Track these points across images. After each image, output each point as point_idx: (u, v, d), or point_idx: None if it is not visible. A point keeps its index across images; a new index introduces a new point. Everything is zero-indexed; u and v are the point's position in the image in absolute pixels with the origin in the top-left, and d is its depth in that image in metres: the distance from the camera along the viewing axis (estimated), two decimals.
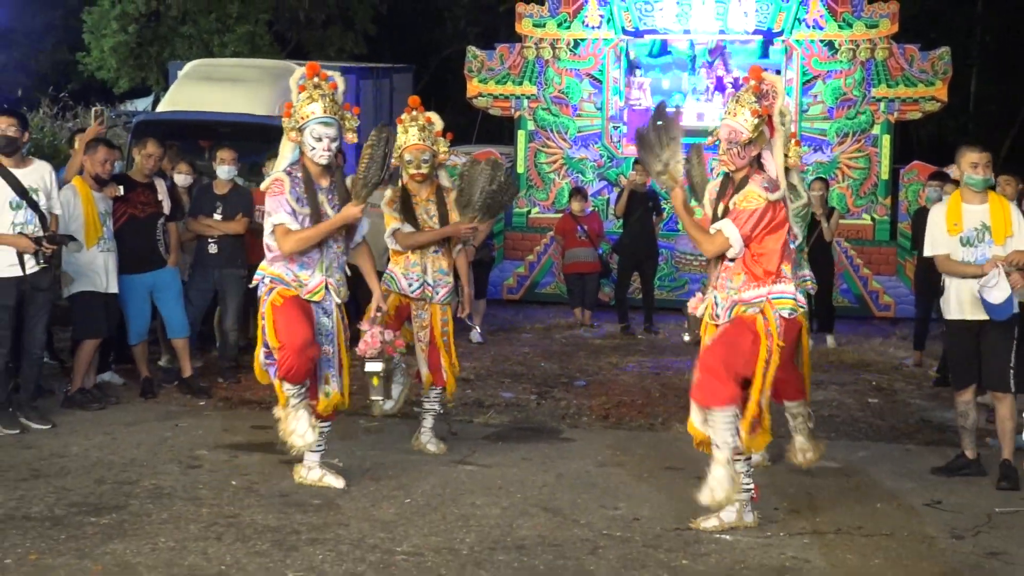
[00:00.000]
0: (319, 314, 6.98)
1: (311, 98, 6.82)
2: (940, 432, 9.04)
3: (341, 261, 7.05)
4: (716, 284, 6.51)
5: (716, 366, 6.33)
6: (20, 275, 8.08)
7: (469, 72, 15.92)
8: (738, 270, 6.40)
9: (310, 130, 6.80)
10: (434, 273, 7.92)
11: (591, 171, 15.56)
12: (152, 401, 9.29)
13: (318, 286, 6.90)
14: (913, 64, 14.81)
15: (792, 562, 6.09)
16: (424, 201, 7.91)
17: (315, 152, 6.83)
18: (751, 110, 6.31)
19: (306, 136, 6.82)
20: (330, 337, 7.02)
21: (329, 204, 6.93)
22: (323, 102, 6.82)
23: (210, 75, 15.05)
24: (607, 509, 6.90)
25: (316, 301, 6.93)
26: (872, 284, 14.53)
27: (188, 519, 6.48)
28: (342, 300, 7.07)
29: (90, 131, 9.48)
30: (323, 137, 6.80)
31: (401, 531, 6.39)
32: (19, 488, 6.93)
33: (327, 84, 6.89)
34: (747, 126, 6.32)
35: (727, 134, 6.36)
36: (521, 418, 9.22)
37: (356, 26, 24.78)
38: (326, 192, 6.94)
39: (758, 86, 6.36)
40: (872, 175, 14.98)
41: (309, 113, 6.80)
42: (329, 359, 7.03)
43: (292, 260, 6.86)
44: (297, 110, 6.84)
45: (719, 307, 6.48)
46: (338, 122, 6.88)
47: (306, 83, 6.86)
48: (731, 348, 6.35)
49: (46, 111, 19.64)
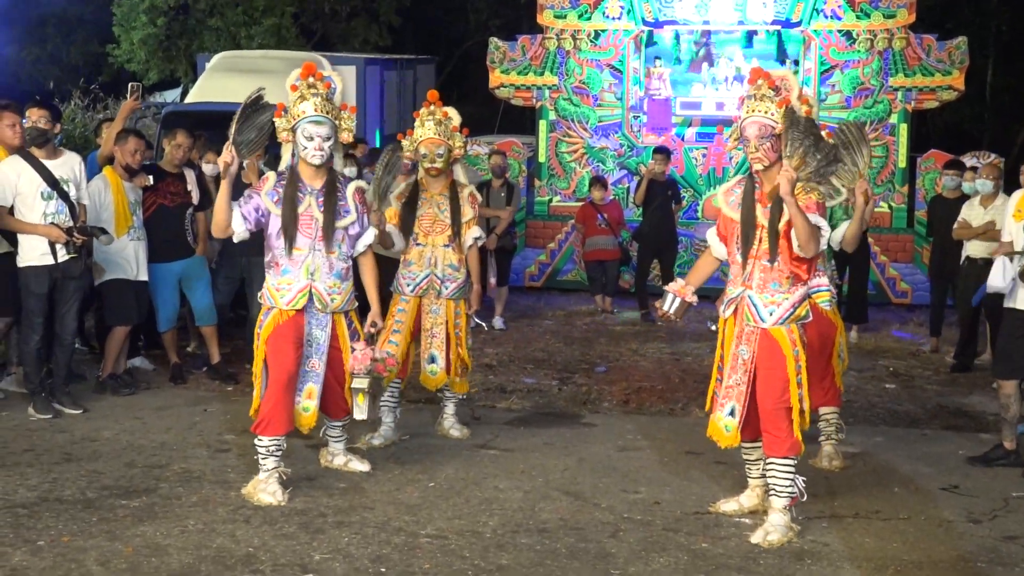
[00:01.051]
0: (311, 327, 6.85)
1: (303, 97, 6.70)
2: (957, 417, 9.09)
3: (338, 268, 6.86)
4: (749, 283, 6.26)
5: (772, 415, 6.21)
6: (52, 263, 8.20)
7: (491, 63, 15.96)
8: (784, 271, 6.21)
9: (301, 129, 6.68)
10: (444, 267, 7.88)
11: (611, 160, 15.60)
12: (181, 387, 9.40)
13: (301, 291, 6.75)
14: (930, 54, 14.79)
15: (811, 545, 6.16)
16: (436, 195, 7.89)
17: (307, 152, 6.70)
18: (775, 103, 6.15)
19: (298, 136, 6.70)
20: (319, 351, 6.88)
21: (318, 207, 6.76)
22: (315, 101, 6.69)
23: (237, 67, 15.21)
24: (628, 493, 6.97)
25: (299, 309, 6.76)
26: (889, 271, 14.54)
27: (216, 502, 6.58)
28: (334, 310, 6.88)
29: (126, 105, 9.56)
30: (314, 136, 6.66)
31: (425, 514, 6.48)
32: (52, 471, 7.06)
33: (322, 84, 6.77)
34: (776, 118, 6.13)
35: (757, 131, 6.16)
36: (543, 403, 9.29)
37: (380, 18, 24.84)
38: (316, 194, 6.79)
39: (771, 82, 6.21)
40: (889, 163, 14.98)
41: (300, 112, 6.68)
42: (317, 373, 6.90)
43: (277, 266, 6.77)
44: (289, 110, 6.73)
45: (761, 309, 6.21)
46: (332, 121, 6.73)
47: (299, 83, 6.73)
48: (772, 386, 6.21)
49: (77, 103, 19.79)
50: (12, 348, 8.99)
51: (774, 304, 6.21)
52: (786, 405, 6.21)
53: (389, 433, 7.94)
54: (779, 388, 6.20)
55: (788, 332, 6.21)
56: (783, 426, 6.20)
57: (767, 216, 6.19)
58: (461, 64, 27.58)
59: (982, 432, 8.61)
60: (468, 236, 7.99)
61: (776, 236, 6.15)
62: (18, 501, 6.52)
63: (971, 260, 10.54)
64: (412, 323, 7.91)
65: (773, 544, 6.14)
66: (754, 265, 6.25)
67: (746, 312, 6.26)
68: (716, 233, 6.52)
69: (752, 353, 6.27)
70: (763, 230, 6.20)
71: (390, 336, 7.81)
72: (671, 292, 6.51)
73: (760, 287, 6.23)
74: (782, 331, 6.20)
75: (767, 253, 6.18)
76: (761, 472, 6.49)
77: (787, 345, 6.20)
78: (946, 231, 10.99)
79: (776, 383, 6.20)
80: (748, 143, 6.22)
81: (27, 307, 8.26)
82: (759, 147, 6.18)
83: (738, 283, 6.33)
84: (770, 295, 6.21)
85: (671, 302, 6.50)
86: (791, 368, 6.19)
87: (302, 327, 6.82)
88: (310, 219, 6.76)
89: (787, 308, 6.20)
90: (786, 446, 6.20)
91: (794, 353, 6.20)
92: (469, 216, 7.97)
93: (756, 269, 6.25)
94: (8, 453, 7.42)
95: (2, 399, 8.71)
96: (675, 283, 6.56)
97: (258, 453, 6.75)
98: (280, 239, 6.74)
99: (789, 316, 6.21)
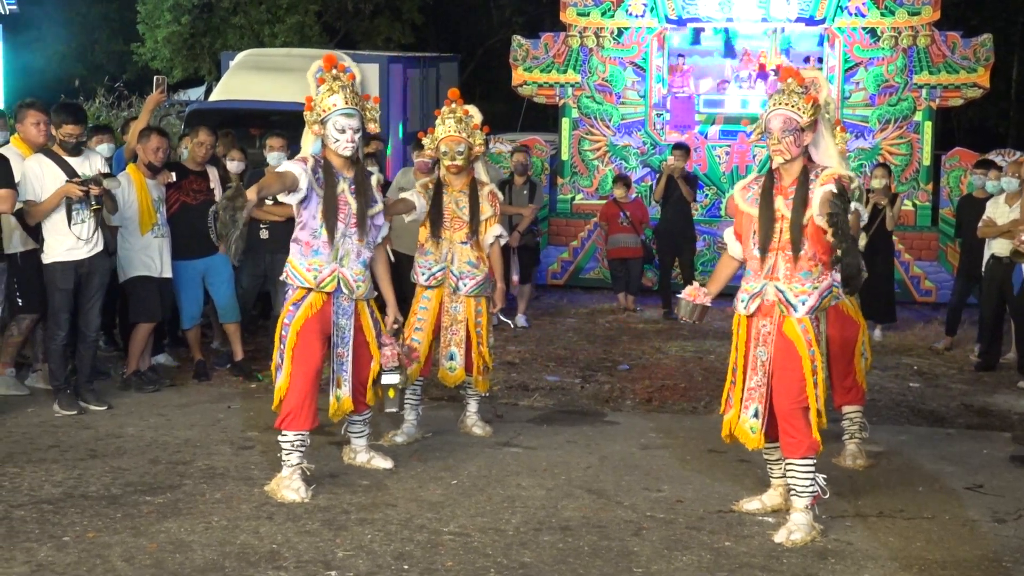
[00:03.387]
0: (337, 316, 6.90)
1: (331, 90, 6.75)
2: (982, 416, 9.05)
3: (364, 256, 6.96)
4: (774, 275, 6.23)
5: (789, 416, 6.20)
6: (79, 259, 8.25)
7: (514, 61, 15.97)
8: (814, 259, 6.18)
9: (333, 122, 6.73)
10: (461, 264, 7.89)
11: (634, 158, 15.59)
12: (205, 383, 9.44)
13: (330, 275, 6.81)
14: (955, 51, 14.73)
15: (834, 544, 6.14)
16: (456, 192, 7.90)
17: (339, 144, 6.76)
18: (803, 97, 6.13)
19: (329, 128, 6.75)
20: (345, 340, 6.94)
21: (351, 193, 6.86)
22: (344, 93, 6.75)
23: (261, 65, 15.26)
24: (650, 491, 6.97)
25: (330, 292, 6.83)
26: (914, 269, 14.49)
27: (240, 499, 6.61)
28: (358, 298, 6.96)
29: (152, 98, 9.59)
30: (346, 128, 6.74)
31: (448, 511, 6.49)
32: (77, 467, 7.11)
33: (346, 75, 6.83)
34: (803, 111, 6.12)
35: (782, 123, 6.13)
36: (566, 401, 9.30)
37: (403, 16, 24.89)
38: (349, 183, 6.88)
39: (800, 80, 6.18)
40: (914, 161, 14.92)
41: (331, 105, 6.73)
42: (343, 362, 6.96)
43: (307, 246, 6.81)
44: (318, 103, 6.77)
45: (792, 299, 6.16)
46: (360, 112, 6.81)
47: (325, 75, 6.79)
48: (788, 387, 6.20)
49: (102, 100, 19.90)
50: (37, 345, 9.04)
51: (805, 294, 6.17)
52: (803, 405, 6.19)
53: (412, 430, 7.95)
54: (795, 389, 6.18)
55: (804, 332, 6.17)
56: (800, 426, 6.18)
57: (789, 207, 6.17)
58: (484, 62, 27.61)
59: (1007, 431, 8.58)
60: (489, 234, 8.00)
61: (799, 229, 6.13)
62: (44, 497, 6.57)
63: (996, 259, 10.50)
64: (434, 320, 7.92)
65: (796, 543, 6.12)
66: (777, 257, 6.21)
67: (777, 305, 6.21)
68: (733, 232, 6.51)
69: (769, 355, 6.26)
70: (785, 221, 6.17)
71: (412, 333, 7.84)
72: (684, 298, 6.52)
73: (788, 277, 6.19)
74: (797, 331, 6.17)
75: (789, 244, 6.16)
76: (783, 471, 6.47)
77: (803, 346, 6.17)
78: (975, 230, 10.93)
79: (792, 384, 6.19)
80: (771, 135, 6.18)
81: (53, 303, 8.31)
82: (782, 139, 6.14)
83: (759, 277, 6.28)
84: (800, 284, 6.17)
85: (685, 308, 6.52)
86: (807, 368, 6.17)
87: (329, 319, 6.86)
88: (345, 204, 6.85)
89: (817, 297, 6.18)
90: (804, 447, 6.18)
91: (810, 353, 6.18)
92: (489, 214, 7.97)
93: (780, 260, 6.21)
94: (34, 449, 7.47)
95: (27, 396, 8.77)
96: (689, 288, 6.55)
97: (282, 449, 6.77)
98: (316, 220, 6.80)
99: (819, 306, 6.20)
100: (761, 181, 6.33)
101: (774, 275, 6.23)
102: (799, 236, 6.13)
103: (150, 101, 9.60)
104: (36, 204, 8.17)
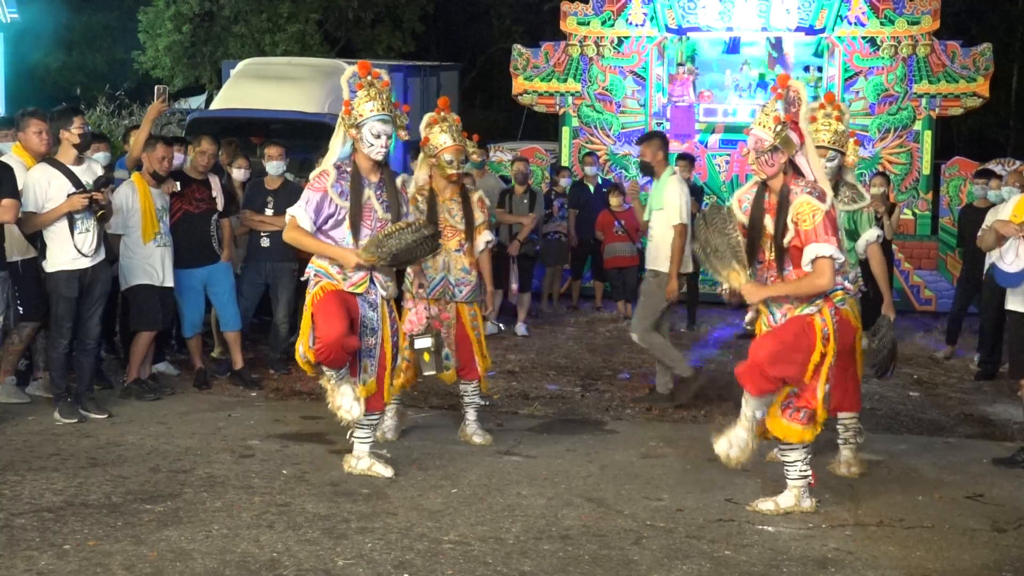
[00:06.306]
0: (364, 307, 7.06)
1: (369, 96, 6.94)
2: (982, 425, 9.06)
3: None
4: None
5: (762, 362, 6.37)
6: (83, 267, 8.25)
7: (515, 69, 16.01)
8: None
9: (369, 127, 6.92)
10: (457, 272, 8.02)
11: (634, 167, 15.61)
12: (206, 392, 9.44)
13: (362, 279, 6.98)
14: (955, 60, 14.77)
15: (834, 553, 6.13)
16: (448, 200, 8.02)
17: (372, 149, 6.94)
18: (773, 117, 6.29)
19: (364, 133, 6.92)
20: (374, 331, 7.11)
21: (377, 199, 7.04)
22: (380, 100, 6.95)
23: (262, 73, 15.30)
24: (650, 500, 6.97)
25: (359, 294, 7.01)
26: (913, 278, 14.51)
27: (241, 507, 6.60)
28: (389, 296, 7.15)
29: (153, 108, 9.61)
30: (381, 134, 6.92)
31: (448, 520, 6.49)
32: (78, 476, 7.10)
33: (380, 82, 7.02)
34: (769, 133, 6.29)
35: (753, 143, 6.38)
36: (566, 410, 9.30)
37: (404, 25, 24.95)
38: (375, 187, 7.05)
39: (783, 94, 6.34)
40: (913, 170, 14.96)
41: (368, 111, 6.92)
42: (370, 350, 7.12)
43: None
44: (356, 107, 6.95)
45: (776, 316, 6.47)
46: (393, 119, 6.99)
47: (363, 81, 6.97)
48: (783, 346, 6.36)
49: (103, 108, 19.97)
50: (38, 353, 9.04)
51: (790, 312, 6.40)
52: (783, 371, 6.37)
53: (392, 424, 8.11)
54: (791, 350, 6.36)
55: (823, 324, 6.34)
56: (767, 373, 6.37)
57: (774, 228, 6.33)
58: (484, 71, 27.66)
59: (1007, 440, 8.58)
60: (480, 240, 8.14)
61: (781, 250, 6.28)
62: (44, 505, 6.56)
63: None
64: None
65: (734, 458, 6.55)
66: (767, 274, 6.38)
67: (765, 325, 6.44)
68: None
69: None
70: (771, 240, 6.31)
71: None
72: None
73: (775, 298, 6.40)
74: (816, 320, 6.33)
75: (775, 264, 6.30)
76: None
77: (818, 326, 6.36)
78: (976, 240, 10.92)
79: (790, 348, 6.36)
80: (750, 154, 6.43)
81: (56, 312, 8.32)
82: (756, 160, 6.37)
83: None
84: (785, 303, 6.38)
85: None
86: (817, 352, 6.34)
87: (355, 305, 7.01)
88: (371, 211, 7.01)
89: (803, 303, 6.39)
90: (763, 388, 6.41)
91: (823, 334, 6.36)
92: (480, 220, 8.12)
93: (769, 278, 6.38)
94: (35, 457, 7.47)
95: (28, 404, 8.77)
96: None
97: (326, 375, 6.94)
98: (342, 230, 6.97)
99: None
100: (754, 192, 6.49)
101: None
102: (781, 257, 6.28)
103: (151, 110, 9.62)
104: (36, 215, 8.17)
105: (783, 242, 6.30)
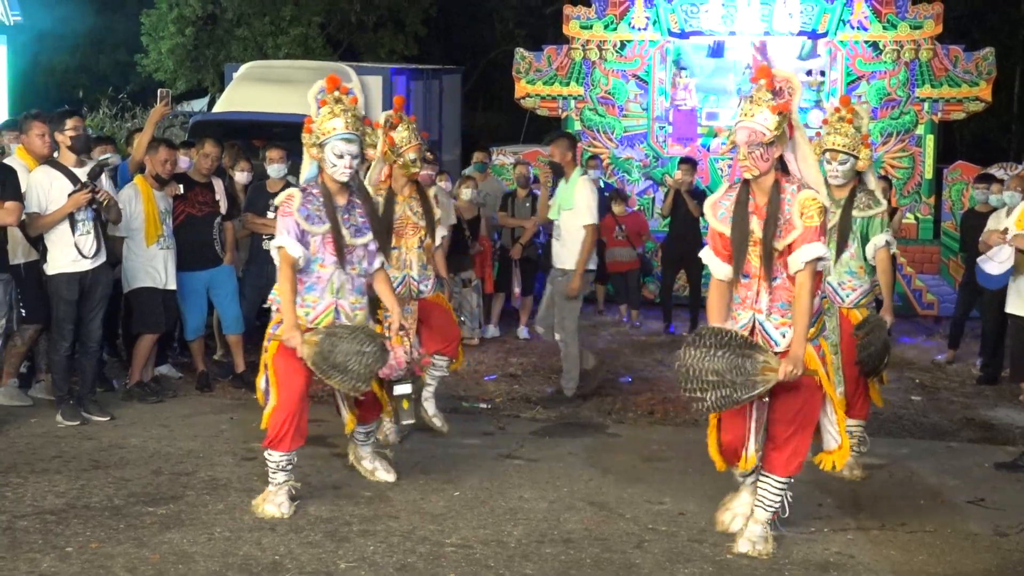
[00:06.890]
0: None
1: (332, 113, 6.56)
2: (984, 430, 9.05)
3: (358, 284, 6.78)
4: (758, 306, 5.92)
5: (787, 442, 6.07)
6: (84, 270, 8.26)
7: (517, 73, 16.01)
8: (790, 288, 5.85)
9: (331, 146, 6.53)
10: (418, 268, 8.06)
11: (637, 171, 15.63)
12: (208, 395, 9.45)
13: (327, 309, 6.64)
14: (957, 64, 14.77)
15: (836, 558, 6.15)
16: (407, 198, 8.03)
17: (335, 170, 6.56)
18: (769, 107, 5.74)
19: (327, 152, 6.54)
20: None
21: (344, 224, 6.67)
22: (345, 117, 6.56)
23: (264, 76, 15.32)
24: (652, 504, 6.98)
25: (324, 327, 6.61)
26: (915, 283, 14.49)
27: (243, 510, 6.62)
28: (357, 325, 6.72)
29: (156, 111, 9.62)
30: (344, 154, 6.53)
31: (450, 523, 6.50)
32: (80, 478, 7.12)
33: (348, 99, 6.65)
34: (768, 125, 5.74)
35: (746, 137, 5.76)
36: (568, 413, 9.28)
37: (407, 28, 24.93)
38: (342, 211, 6.67)
39: (771, 83, 5.79)
40: (916, 174, 14.96)
41: (330, 129, 6.53)
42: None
43: (300, 282, 6.62)
44: (318, 125, 6.58)
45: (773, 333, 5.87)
46: (360, 138, 6.63)
47: (327, 97, 6.62)
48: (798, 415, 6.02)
49: (106, 111, 19.96)
50: (40, 355, 9.05)
51: (785, 325, 5.87)
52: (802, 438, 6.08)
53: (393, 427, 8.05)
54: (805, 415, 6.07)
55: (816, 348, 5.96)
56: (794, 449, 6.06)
57: (763, 229, 5.83)
58: (487, 74, 27.64)
59: (1009, 444, 8.57)
60: (437, 236, 8.25)
61: (771, 255, 5.81)
62: (47, 507, 6.58)
63: None
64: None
65: (761, 553, 6.09)
66: (758, 285, 5.88)
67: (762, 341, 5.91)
68: (712, 252, 6.06)
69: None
70: (760, 245, 5.84)
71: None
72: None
73: (768, 310, 5.89)
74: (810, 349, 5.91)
75: (763, 274, 5.84)
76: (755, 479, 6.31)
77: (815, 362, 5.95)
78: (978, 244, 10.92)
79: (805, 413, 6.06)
80: (738, 149, 5.84)
81: (57, 314, 8.33)
82: (748, 155, 5.79)
83: (746, 305, 5.97)
84: (779, 316, 5.88)
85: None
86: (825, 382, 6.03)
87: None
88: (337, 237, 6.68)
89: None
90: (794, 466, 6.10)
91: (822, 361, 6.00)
92: (438, 216, 8.22)
93: (761, 290, 5.88)
94: (37, 460, 7.48)
95: (30, 406, 8.77)
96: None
97: (268, 467, 6.66)
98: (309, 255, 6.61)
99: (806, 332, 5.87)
100: (733, 195, 5.96)
101: (757, 305, 5.93)
102: (770, 263, 5.83)
103: (154, 113, 9.63)
104: (39, 217, 8.19)
105: (774, 245, 5.80)
